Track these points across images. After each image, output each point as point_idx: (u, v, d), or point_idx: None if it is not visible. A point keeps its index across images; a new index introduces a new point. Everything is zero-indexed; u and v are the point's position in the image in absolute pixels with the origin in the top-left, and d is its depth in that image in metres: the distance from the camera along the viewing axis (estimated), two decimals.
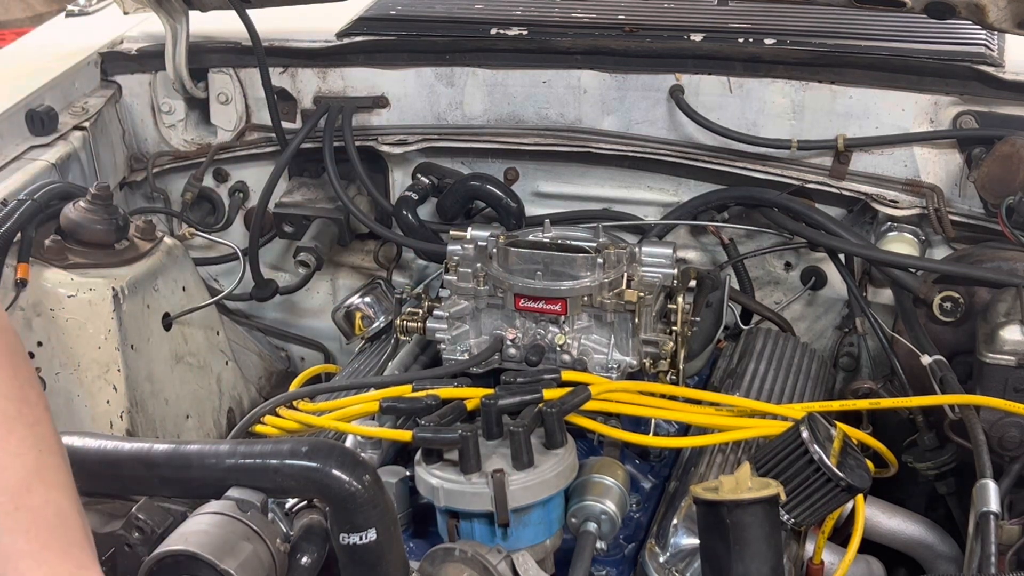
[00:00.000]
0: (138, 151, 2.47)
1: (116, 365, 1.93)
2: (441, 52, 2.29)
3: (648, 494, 1.70)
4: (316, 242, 2.37)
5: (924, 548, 1.80)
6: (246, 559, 1.19)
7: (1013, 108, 2.01)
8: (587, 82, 2.23)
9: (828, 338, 2.30)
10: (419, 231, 2.29)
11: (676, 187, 2.28)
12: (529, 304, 1.74)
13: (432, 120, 2.33)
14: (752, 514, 1.28)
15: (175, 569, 1.18)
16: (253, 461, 1.25)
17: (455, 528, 1.49)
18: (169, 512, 1.29)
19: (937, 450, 1.94)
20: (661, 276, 1.80)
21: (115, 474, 1.27)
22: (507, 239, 1.81)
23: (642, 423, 1.73)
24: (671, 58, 2.20)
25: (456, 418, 1.58)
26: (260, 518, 1.24)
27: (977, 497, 1.51)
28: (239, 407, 2.28)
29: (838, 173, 2.13)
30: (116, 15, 2.46)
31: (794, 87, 2.13)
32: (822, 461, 1.44)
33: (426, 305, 1.89)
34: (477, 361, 1.76)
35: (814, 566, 1.62)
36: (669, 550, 1.50)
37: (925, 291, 1.96)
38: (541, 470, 1.48)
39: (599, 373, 1.73)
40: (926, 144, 2.08)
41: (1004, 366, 1.72)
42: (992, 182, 1.96)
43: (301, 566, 1.27)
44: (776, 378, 1.92)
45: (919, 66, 2.07)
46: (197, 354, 2.17)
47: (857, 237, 2.06)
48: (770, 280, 2.31)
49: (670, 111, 2.21)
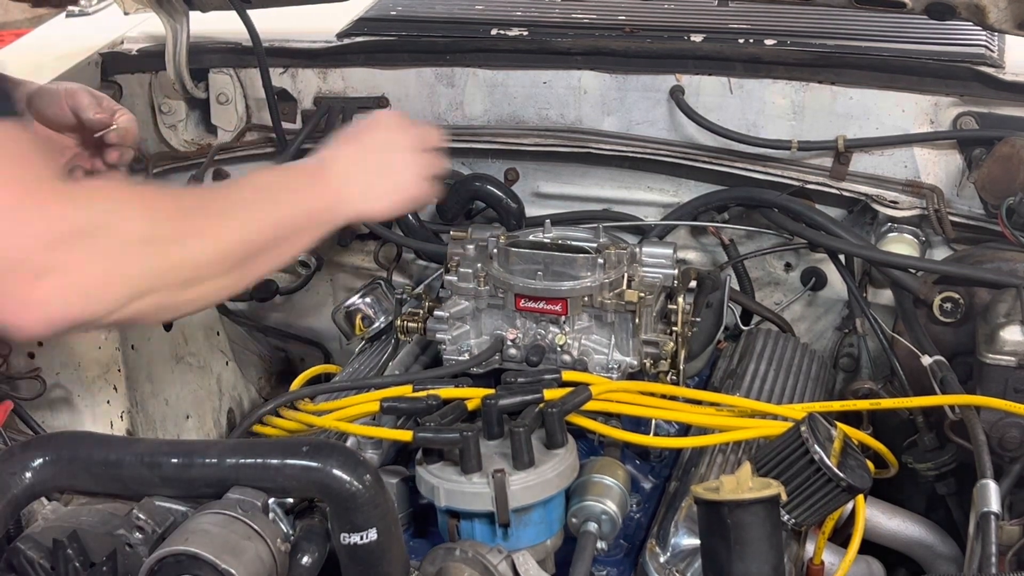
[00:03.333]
0: (138, 151, 2.47)
1: (116, 365, 1.93)
2: (441, 52, 2.29)
3: (648, 494, 1.71)
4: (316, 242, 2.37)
5: (924, 548, 1.80)
6: (247, 559, 1.20)
7: (1013, 109, 2.01)
8: (587, 83, 2.23)
9: (828, 339, 2.30)
10: (419, 231, 2.29)
11: (676, 188, 2.28)
12: (530, 304, 1.75)
13: (432, 120, 2.32)
14: (753, 514, 1.28)
15: (176, 569, 1.18)
16: (254, 461, 1.25)
17: (456, 528, 1.49)
18: (170, 512, 1.29)
19: (937, 451, 1.94)
20: (661, 276, 1.80)
21: (116, 474, 1.27)
22: (507, 239, 1.81)
23: (642, 423, 1.73)
24: (671, 59, 2.20)
25: (457, 418, 1.58)
26: (261, 518, 1.24)
27: (977, 497, 1.51)
28: (239, 407, 2.28)
29: (838, 174, 2.13)
30: (116, 15, 2.46)
31: (794, 88, 2.13)
32: (823, 461, 1.45)
33: (426, 305, 1.89)
34: (478, 361, 1.76)
35: (814, 566, 1.62)
36: (670, 550, 1.50)
37: (925, 292, 1.96)
38: (542, 470, 1.48)
39: (599, 373, 1.73)
40: (926, 145, 2.08)
41: (1004, 366, 1.71)
42: (992, 183, 1.96)
43: (302, 566, 1.27)
44: (776, 378, 1.92)
45: (919, 67, 2.07)
46: (197, 354, 2.17)
47: (857, 238, 2.06)
48: (770, 281, 2.31)
49: (670, 112, 2.21)
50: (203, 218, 1.34)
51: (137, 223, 1.25)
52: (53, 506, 1.33)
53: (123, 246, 1.22)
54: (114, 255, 1.22)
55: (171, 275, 1.28)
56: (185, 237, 1.30)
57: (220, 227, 1.35)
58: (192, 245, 1.30)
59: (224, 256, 1.35)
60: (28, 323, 1.17)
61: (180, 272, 1.29)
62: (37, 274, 1.16)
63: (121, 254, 1.22)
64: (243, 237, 1.38)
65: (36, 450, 1.28)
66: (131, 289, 1.23)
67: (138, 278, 1.24)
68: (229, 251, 1.35)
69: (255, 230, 1.40)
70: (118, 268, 1.22)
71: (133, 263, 1.24)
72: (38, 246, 1.16)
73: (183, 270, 1.29)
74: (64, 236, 1.17)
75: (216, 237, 1.34)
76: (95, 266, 1.20)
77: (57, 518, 1.30)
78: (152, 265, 1.25)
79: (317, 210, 1.49)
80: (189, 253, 1.30)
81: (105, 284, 1.21)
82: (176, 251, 1.28)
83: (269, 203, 1.44)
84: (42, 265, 1.16)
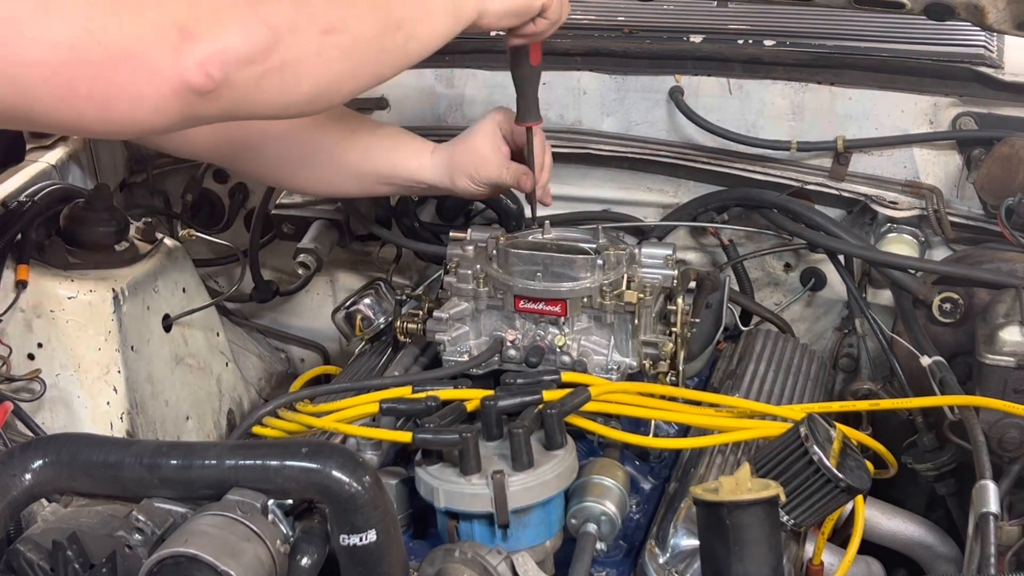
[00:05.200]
0: (138, 152, 2.47)
1: (116, 366, 1.93)
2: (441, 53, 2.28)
3: (648, 495, 1.71)
4: (316, 243, 2.37)
5: (924, 549, 1.80)
6: (247, 560, 1.20)
7: (1012, 109, 2.01)
8: (587, 83, 2.23)
9: (828, 339, 2.30)
10: (419, 232, 2.29)
11: (676, 188, 2.29)
12: (529, 305, 1.75)
13: (432, 122, 2.33)
14: (752, 515, 1.28)
15: (176, 570, 1.18)
16: (253, 462, 1.25)
17: (455, 529, 1.50)
18: (169, 513, 1.29)
19: (936, 451, 1.94)
20: (661, 277, 1.80)
21: (115, 475, 1.27)
22: (507, 240, 1.81)
23: (642, 424, 1.73)
24: (670, 59, 2.20)
25: (456, 419, 1.58)
26: (261, 519, 1.24)
27: (976, 498, 1.51)
28: (239, 408, 2.28)
29: (837, 174, 2.13)
30: None
31: (793, 88, 2.13)
32: (822, 462, 1.45)
33: (426, 306, 1.89)
34: (477, 362, 1.76)
35: (814, 567, 1.62)
36: (669, 551, 1.50)
37: (924, 292, 1.96)
38: (541, 471, 1.48)
39: (599, 374, 1.73)
40: (925, 145, 2.08)
41: (1003, 367, 1.71)
42: (991, 183, 1.96)
43: (301, 567, 1.27)
44: (776, 379, 1.92)
45: (918, 67, 2.07)
46: (197, 355, 2.17)
47: (856, 238, 2.07)
48: (770, 281, 2.31)
49: (670, 112, 2.21)
50: None
51: None
52: (53, 508, 1.33)
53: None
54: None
55: (314, 9, 1.33)
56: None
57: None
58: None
59: (361, 12, 1.40)
60: (188, 69, 1.21)
61: (322, 7, 1.35)
62: (182, 23, 1.21)
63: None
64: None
65: (36, 452, 1.28)
66: (277, 19, 1.29)
67: (281, 10, 1.30)
68: (365, 9, 1.41)
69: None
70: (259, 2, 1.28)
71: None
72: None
73: (325, 5, 1.35)
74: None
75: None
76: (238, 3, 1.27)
77: (57, 520, 1.30)
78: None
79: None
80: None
81: (250, 15, 1.26)
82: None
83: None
84: (185, 15, 1.21)
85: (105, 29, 1.17)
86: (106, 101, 1.20)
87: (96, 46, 1.17)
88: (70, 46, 1.16)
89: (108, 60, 1.18)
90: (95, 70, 1.18)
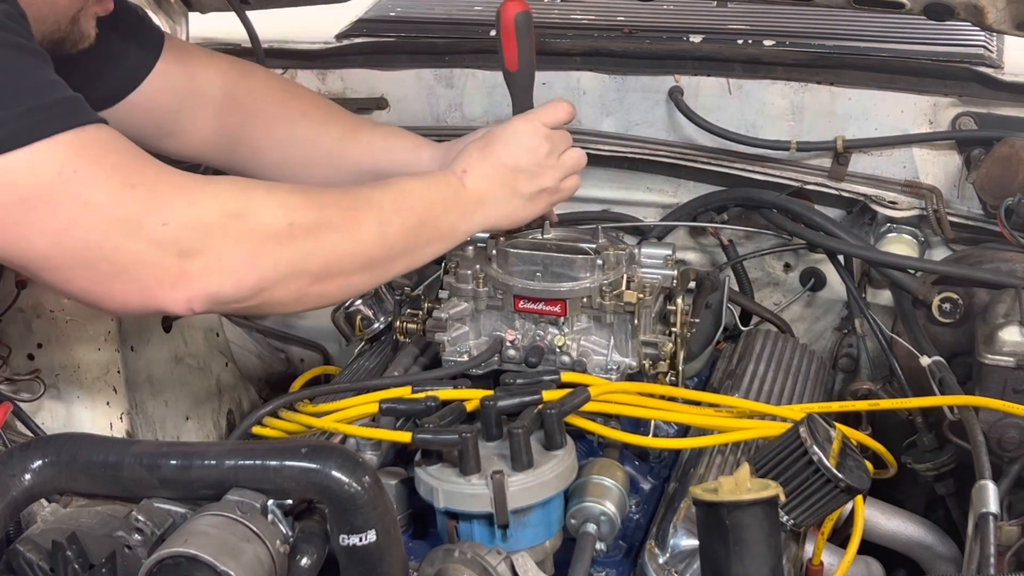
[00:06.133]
0: None
1: (116, 367, 1.93)
2: (441, 53, 2.29)
3: (647, 495, 1.71)
4: None
5: (923, 549, 1.80)
6: (246, 560, 1.20)
7: (1012, 109, 2.01)
8: (586, 83, 2.23)
9: (827, 339, 2.30)
10: None
11: (675, 188, 2.29)
12: (528, 305, 1.74)
13: (432, 122, 2.33)
14: (752, 515, 1.28)
15: (175, 571, 1.18)
16: (253, 462, 1.25)
17: (454, 529, 1.49)
18: (169, 514, 1.29)
19: (936, 451, 1.94)
20: (660, 277, 1.80)
21: (115, 476, 1.27)
22: (506, 240, 1.81)
23: (642, 424, 1.73)
24: (670, 59, 2.20)
25: (456, 419, 1.58)
26: (260, 519, 1.24)
27: (976, 498, 1.51)
28: (239, 409, 2.28)
29: (837, 174, 2.13)
30: None
31: (793, 88, 2.13)
32: (821, 462, 1.45)
33: (426, 307, 1.89)
34: (477, 362, 1.76)
35: (813, 567, 1.62)
36: (668, 551, 1.50)
37: (924, 292, 1.96)
38: (540, 471, 1.48)
39: (598, 374, 1.73)
40: (925, 145, 2.08)
41: (1003, 367, 1.71)
42: (991, 183, 1.96)
43: (301, 567, 1.27)
44: (775, 379, 1.92)
45: (918, 67, 2.07)
46: (197, 356, 2.17)
47: (856, 238, 2.07)
48: (769, 281, 2.31)
49: (669, 112, 2.21)
50: (339, 212, 1.45)
51: (274, 211, 1.38)
52: (52, 508, 1.34)
53: (262, 231, 1.36)
54: (254, 239, 1.35)
55: (308, 264, 1.40)
56: (321, 230, 1.41)
57: (357, 224, 1.46)
58: (328, 238, 1.42)
59: (359, 253, 1.46)
60: (177, 301, 1.32)
61: (316, 262, 1.41)
62: (184, 255, 1.30)
63: (261, 238, 1.36)
64: (379, 238, 1.49)
65: (35, 452, 1.28)
66: (271, 272, 1.37)
67: (276, 263, 1.37)
68: (364, 249, 1.47)
69: (391, 233, 1.50)
70: (258, 251, 1.35)
71: (272, 248, 1.36)
72: (184, 231, 1.30)
73: (319, 261, 1.41)
74: (207, 221, 1.31)
75: (352, 234, 1.45)
76: (237, 248, 1.33)
77: (56, 520, 1.31)
78: (290, 251, 1.38)
79: (452, 223, 1.61)
80: (326, 245, 1.41)
81: (246, 265, 1.34)
82: (313, 242, 1.40)
83: (406, 210, 1.54)
84: (189, 247, 1.30)
85: (117, 248, 1.29)
86: (108, 297, 1.35)
87: (102, 260, 1.30)
88: (74, 253, 1.30)
89: (112, 274, 1.31)
90: (101, 278, 1.32)
